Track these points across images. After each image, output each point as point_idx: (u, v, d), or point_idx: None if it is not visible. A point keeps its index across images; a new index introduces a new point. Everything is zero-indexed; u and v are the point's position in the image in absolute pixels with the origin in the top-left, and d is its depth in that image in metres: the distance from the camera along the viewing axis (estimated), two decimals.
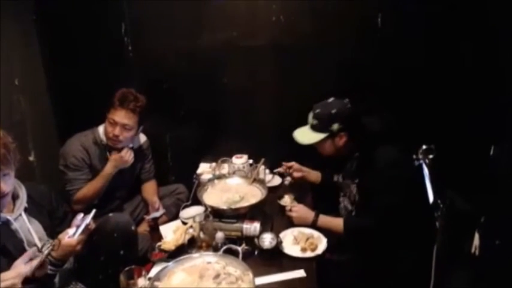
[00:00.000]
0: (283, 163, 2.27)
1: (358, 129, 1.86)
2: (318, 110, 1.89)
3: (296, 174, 2.25)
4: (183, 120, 2.75)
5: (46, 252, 1.33)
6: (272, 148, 2.56)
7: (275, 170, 2.36)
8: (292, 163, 2.25)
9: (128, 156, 2.24)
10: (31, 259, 1.29)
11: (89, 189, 2.18)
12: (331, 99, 1.91)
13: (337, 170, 2.10)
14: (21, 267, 1.26)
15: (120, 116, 2.14)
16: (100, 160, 2.24)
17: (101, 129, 2.27)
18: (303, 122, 1.98)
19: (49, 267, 1.41)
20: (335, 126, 1.84)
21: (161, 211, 2.30)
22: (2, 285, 1.19)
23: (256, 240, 1.72)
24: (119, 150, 2.24)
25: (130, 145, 2.31)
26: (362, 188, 1.89)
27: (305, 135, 1.92)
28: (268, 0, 2.45)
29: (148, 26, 2.58)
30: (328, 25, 2.44)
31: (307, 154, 2.04)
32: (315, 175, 2.28)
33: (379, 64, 2.44)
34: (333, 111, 1.84)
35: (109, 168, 2.21)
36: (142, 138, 2.45)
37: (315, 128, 1.90)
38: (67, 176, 2.18)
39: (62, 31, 2.61)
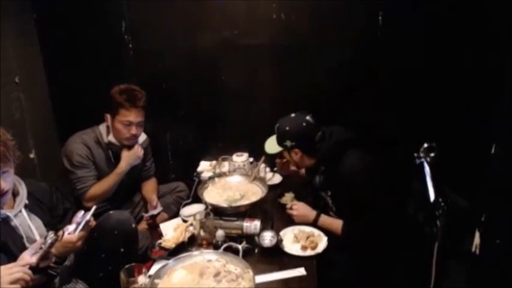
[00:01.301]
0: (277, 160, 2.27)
1: (311, 147, 1.88)
2: (277, 124, 1.95)
3: (291, 168, 2.27)
4: (183, 119, 2.75)
5: (49, 242, 1.33)
6: None
7: (275, 168, 2.36)
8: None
9: (139, 151, 2.27)
10: (36, 252, 1.31)
11: (101, 186, 2.18)
12: (293, 115, 1.94)
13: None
14: (27, 258, 1.29)
15: (134, 115, 2.15)
16: (102, 159, 2.23)
17: (102, 128, 2.26)
18: None
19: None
20: (288, 143, 1.89)
21: (159, 209, 2.30)
22: (13, 276, 1.22)
23: (256, 238, 1.72)
24: (129, 148, 2.25)
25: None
26: (336, 200, 1.92)
27: (272, 145, 2.00)
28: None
29: (148, 25, 2.57)
30: (328, 25, 2.44)
31: None
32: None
33: (379, 64, 2.45)
34: (287, 128, 1.89)
35: (123, 165, 2.22)
36: (142, 137, 2.45)
37: (277, 140, 1.97)
38: (76, 175, 2.15)
39: (61, 30, 2.60)
